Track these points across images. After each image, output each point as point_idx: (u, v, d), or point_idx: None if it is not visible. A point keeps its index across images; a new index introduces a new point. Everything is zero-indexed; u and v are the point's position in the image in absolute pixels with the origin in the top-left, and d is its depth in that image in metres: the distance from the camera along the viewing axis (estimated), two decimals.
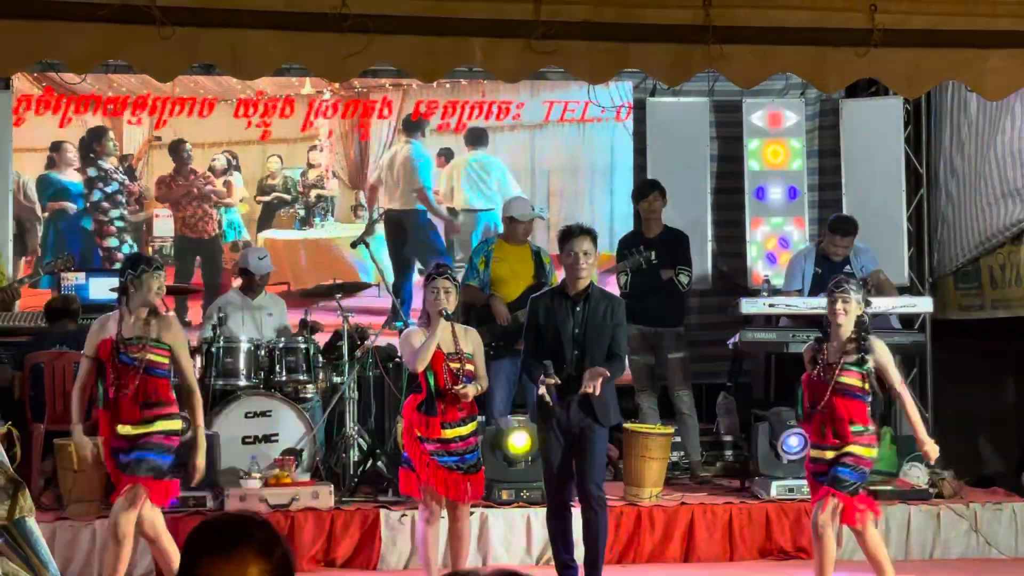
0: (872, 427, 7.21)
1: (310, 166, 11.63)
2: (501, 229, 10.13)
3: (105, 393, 7.04)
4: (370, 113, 11.65)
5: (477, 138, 11.73)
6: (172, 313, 7.63)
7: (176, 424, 7.08)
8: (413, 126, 11.67)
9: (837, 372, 7.13)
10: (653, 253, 9.79)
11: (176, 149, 11.47)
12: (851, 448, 7.11)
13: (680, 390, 10.16)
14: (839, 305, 7.18)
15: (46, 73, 10.96)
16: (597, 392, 7.10)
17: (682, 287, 10.05)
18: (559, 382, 7.18)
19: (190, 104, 11.32)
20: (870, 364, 7.15)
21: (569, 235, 7.35)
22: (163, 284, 7.08)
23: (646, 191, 10.31)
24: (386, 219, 11.62)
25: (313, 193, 11.64)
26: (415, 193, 11.69)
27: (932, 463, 7.56)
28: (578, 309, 7.31)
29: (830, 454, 7.13)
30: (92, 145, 11.34)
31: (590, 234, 7.37)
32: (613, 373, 7.31)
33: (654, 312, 10.01)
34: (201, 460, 7.19)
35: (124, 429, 6.98)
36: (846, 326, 7.19)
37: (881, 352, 7.22)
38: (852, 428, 7.11)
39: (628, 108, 11.70)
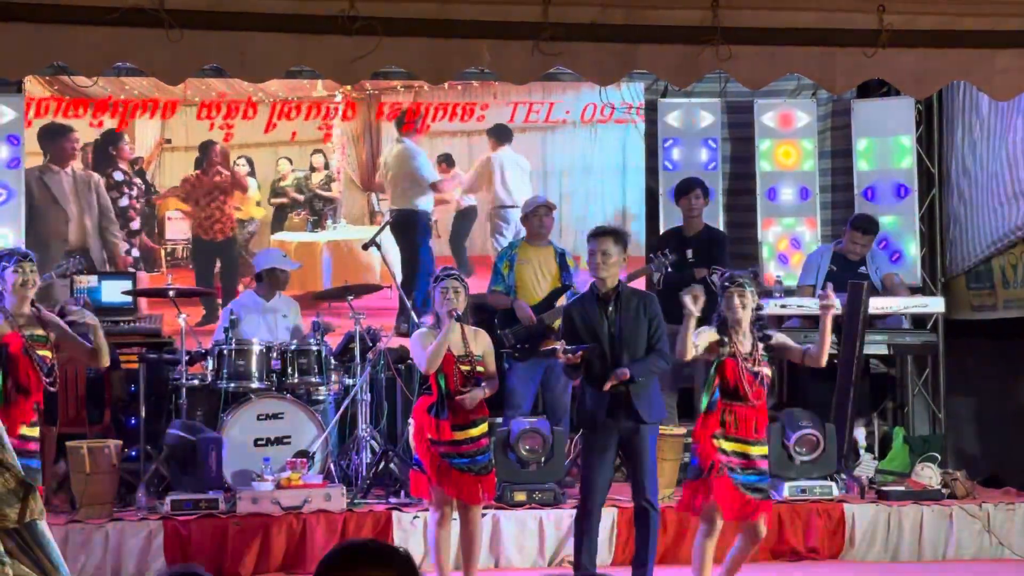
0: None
1: (313, 169, 11.64)
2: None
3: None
4: (381, 115, 11.67)
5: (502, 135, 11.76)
6: None
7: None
8: (404, 125, 11.68)
9: (761, 364, 7.09)
10: (672, 258, 9.74)
11: (206, 148, 11.51)
12: (764, 448, 7.12)
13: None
14: (736, 300, 7.11)
15: (57, 76, 11.00)
16: (608, 385, 7.11)
17: (715, 287, 10.02)
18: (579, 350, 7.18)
19: (198, 107, 11.37)
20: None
21: (592, 235, 7.37)
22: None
23: (687, 189, 10.30)
24: (393, 220, 11.63)
25: (317, 196, 11.65)
26: (429, 190, 11.71)
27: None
28: (610, 309, 7.29)
29: (754, 451, 7.06)
30: (108, 149, 11.38)
31: (612, 235, 7.32)
32: (650, 367, 7.29)
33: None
34: None
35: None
36: (745, 321, 7.13)
37: (785, 339, 7.28)
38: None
39: (639, 109, 11.70)
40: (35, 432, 6.77)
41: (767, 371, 7.10)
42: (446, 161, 11.78)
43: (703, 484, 7.01)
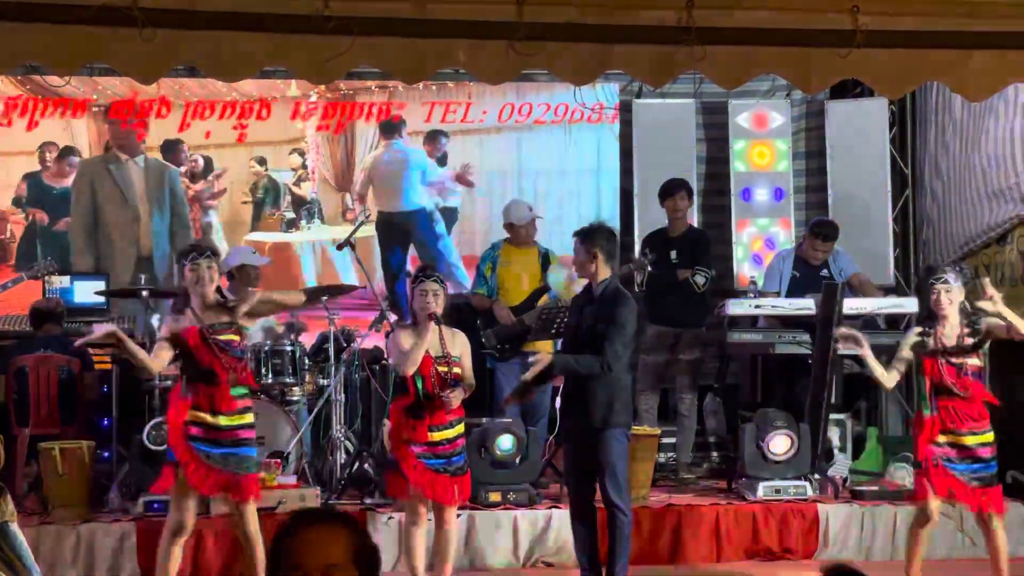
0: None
1: (291, 169, 11.61)
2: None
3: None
4: (356, 115, 11.64)
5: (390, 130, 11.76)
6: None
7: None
8: (391, 128, 11.67)
9: (967, 355, 7.22)
10: (652, 258, 9.75)
11: (173, 148, 11.47)
12: (988, 436, 7.26)
13: (685, 392, 10.20)
14: (943, 296, 7.24)
15: (30, 76, 10.94)
16: (526, 376, 7.30)
17: (697, 287, 10.03)
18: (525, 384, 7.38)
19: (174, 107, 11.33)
20: (985, 345, 7.30)
21: (573, 235, 7.51)
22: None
23: (672, 190, 10.29)
24: (377, 221, 11.63)
25: (288, 197, 11.61)
26: (421, 192, 11.71)
27: None
28: (587, 308, 7.36)
29: (971, 441, 7.23)
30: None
31: (580, 234, 7.47)
32: (578, 365, 7.31)
33: (673, 313, 10.06)
34: None
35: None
36: (953, 315, 7.26)
37: (992, 323, 7.29)
38: (987, 411, 7.27)
39: (614, 110, 11.70)
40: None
41: (974, 361, 7.22)
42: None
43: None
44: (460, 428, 7.42)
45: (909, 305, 10.22)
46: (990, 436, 7.28)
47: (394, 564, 8.41)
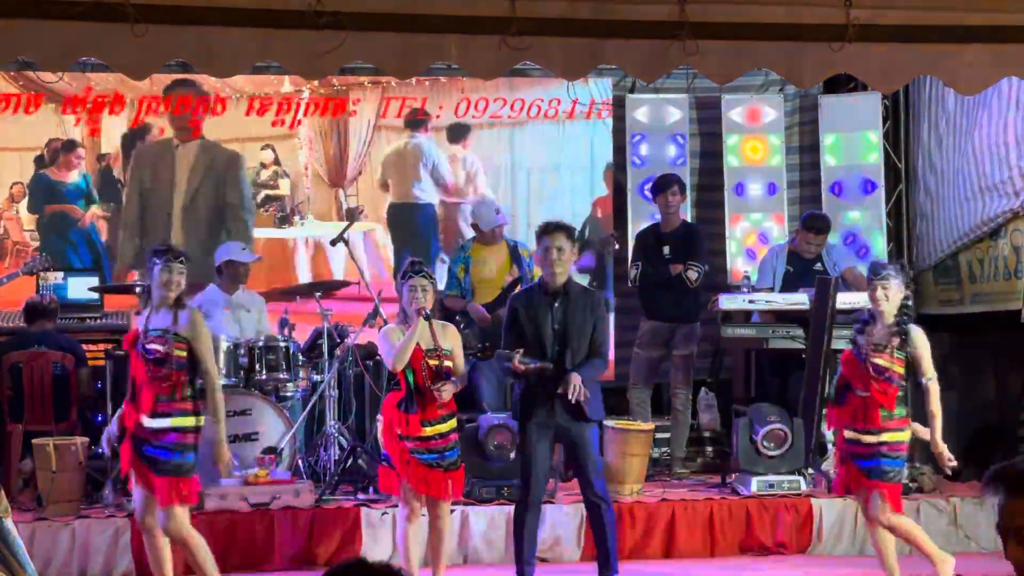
0: (901, 411, 7.30)
1: (263, 165, 11.59)
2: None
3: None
4: (350, 111, 11.63)
5: (416, 125, 11.76)
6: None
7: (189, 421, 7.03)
8: (416, 122, 11.67)
9: (875, 355, 7.19)
10: (618, 235, 9.80)
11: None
12: (887, 435, 7.21)
13: (679, 387, 10.20)
14: (879, 292, 7.20)
15: (23, 72, 10.92)
16: (575, 398, 7.19)
17: (690, 283, 10.03)
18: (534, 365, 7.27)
19: (167, 103, 11.30)
20: (909, 349, 7.23)
21: (544, 231, 7.38)
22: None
23: (664, 186, 10.29)
24: (390, 213, 11.64)
25: (262, 194, 11.59)
26: (433, 184, 11.72)
27: (947, 466, 7.47)
28: (557, 305, 7.33)
29: (867, 439, 7.20)
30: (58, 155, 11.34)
31: (565, 230, 7.38)
32: (595, 372, 7.37)
33: (667, 308, 10.07)
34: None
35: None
36: (888, 311, 7.22)
37: (918, 339, 7.27)
38: (882, 413, 7.20)
39: (607, 105, 11.70)
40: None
41: (883, 362, 7.20)
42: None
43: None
44: (453, 423, 7.41)
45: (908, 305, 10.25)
46: (894, 436, 7.26)
47: (388, 560, 8.41)
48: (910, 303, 7.41)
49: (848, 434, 7.32)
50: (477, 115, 11.67)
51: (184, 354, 6.95)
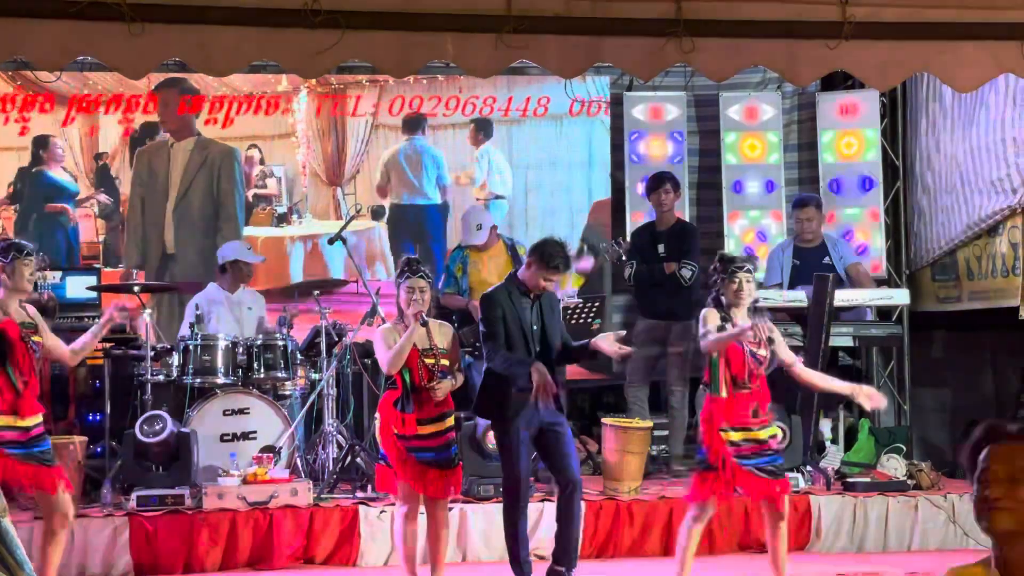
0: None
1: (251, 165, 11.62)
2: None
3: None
4: (347, 110, 11.64)
5: (413, 125, 11.74)
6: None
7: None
8: (413, 124, 11.67)
9: (766, 347, 7.02)
10: (626, 245, 9.84)
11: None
12: (773, 430, 7.11)
13: (675, 385, 10.21)
14: (746, 285, 7.03)
15: (20, 72, 10.92)
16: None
17: (684, 281, 10.03)
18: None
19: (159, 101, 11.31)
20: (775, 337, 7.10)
21: (554, 267, 7.33)
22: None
23: (657, 184, 10.29)
24: (392, 214, 11.66)
25: (250, 193, 11.60)
26: (433, 188, 11.73)
27: (874, 407, 7.35)
28: (535, 306, 7.38)
29: (764, 435, 7.03)
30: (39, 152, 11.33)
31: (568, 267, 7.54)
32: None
33: (662, 306, 10.07)
34: None
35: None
36: (746, 307, 7.07)
37: (774, 327, 7.19)
38: (768, 406, 7.09)
39: (605, 103, 11.70)
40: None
41: (764, 352, 7.02)
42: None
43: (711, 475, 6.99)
44: (450, 421, 7.40)
45: (900, 297, 10.25)
46: (773, 429, 7.13)
47: (386, 558, 8.42)
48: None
49: (733, 435, 6.99)
50: (473, 113, 11.67)
51: None
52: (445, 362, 7.29)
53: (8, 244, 6.97)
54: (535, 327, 7.37)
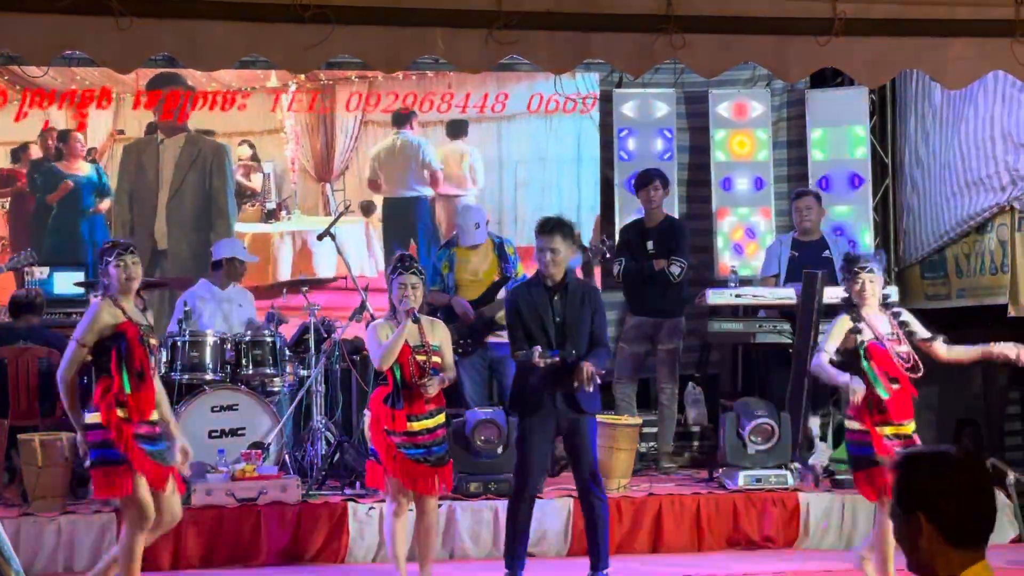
0: None
1: (239, 160, 11.58)
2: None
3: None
4: (336, 105, 11.62)
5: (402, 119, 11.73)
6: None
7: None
8: (402, 119, 11.66)
9: (903, 343, 7.15)
10: (610, 243, 9.85)
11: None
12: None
13: (664, 382, 10.20)
14: (868, 284, 7.17)
15: (7, 66, 10.88)
16: (590, 388, 7.18)
17: (673, 278, 10.02)
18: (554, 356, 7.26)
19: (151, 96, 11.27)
20: (909, 330, 7.24)
21: (540, 230, 7.36)
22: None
23: (645, 181, 10.29)
24: (384, 208, 11.65)
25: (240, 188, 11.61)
26: (422, 181, 11.71)
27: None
28: (556, 298, 7.32)
29: (910, 430, 7.16)
30: (59, 147, 11.29)
31: (560, 231, 7.32)
32: (604, 362, 7.41)
33: (651, 303, 10.07)
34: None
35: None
36: (876, 304, 7.21)
37: (910, 316, 7.28)
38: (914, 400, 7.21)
39: (594, 99, 11.69)
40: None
41: (906, 348, 7.16)
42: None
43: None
44: (441, 418, 7.39)
45: (888, 294, 10.23)
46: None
47: (374, 555, 8.41)
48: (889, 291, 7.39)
49: (886, 430, 7.12)
50: (464, 109, 11.66)
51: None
52: (437, 359, 7.27)
53: (111, 244, 6.93)
54: (557, 319, 7.31)
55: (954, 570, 3.04)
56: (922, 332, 7.27)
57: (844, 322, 7.21)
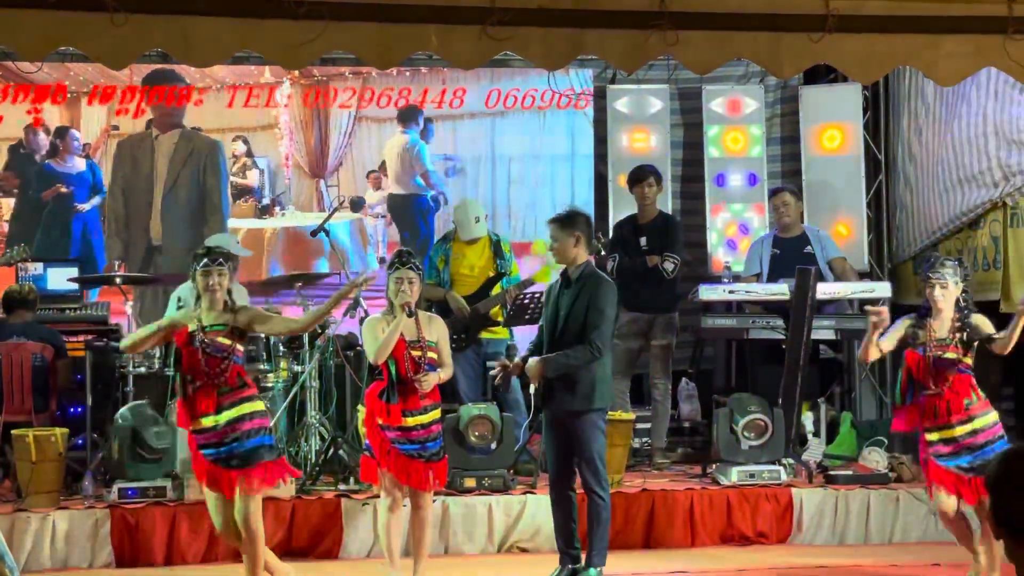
0: (983, 394, 7.29)
1: (234, 157, 11.59)
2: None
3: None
4: (330, 101, 11.62)
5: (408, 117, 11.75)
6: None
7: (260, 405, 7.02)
8: (407, 116, 11.67)
9: (947, 350, 7.17)
10: (604, 241, 9.87)
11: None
12: (979, 422, 7.19)
13: (658, 378, 10.21)
14: (937, 291, 7.20)
15: (1, 62, 10.88)
16: (531, 386, 7.35)
17: (666, 274, 10.03)
18: (506, 365, 7.43)
19: (148, 93, 11.26)
20: (975, 336, 7.23)
21: (548, 222, 7.47)
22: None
23: (640, 177, 10.29)
24: (389, 204, 11.66)
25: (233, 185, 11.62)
26: (420, 178, 11.71)
27: None
28: (565, 292, 7.35)
29: (959, 432, 7.16)
30: (55, 144, 11.29)
31: (559, 220, 7.39)
32: (566, 358, 7.24)
33: (645, 299, 10.06)
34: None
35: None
36: (946, 308, 7.22)
37: (983, 324, 7.27)
38: (966, 403, 7.18)
39: (588, 96, 11.70)
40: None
41: (952, 355, 7.17)
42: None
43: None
44: (436, 414, 7.39)
45: (881, 290, 10.26)
46: (985, 420, 7.22)
47: (369, 550, 8.42)
48: (968, 295, 7.38)
49: (930, 436, 7.22)
50: (457, 105, 11.67)
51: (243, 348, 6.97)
52: (432, 355, 7.28)
53: (203, 251, 7.02)
54: (561, 313, 7.34)
55: None
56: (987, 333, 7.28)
57: (904, 323, 7.37)
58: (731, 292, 9.88)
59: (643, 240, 10.15)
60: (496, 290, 9.67)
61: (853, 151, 11.46)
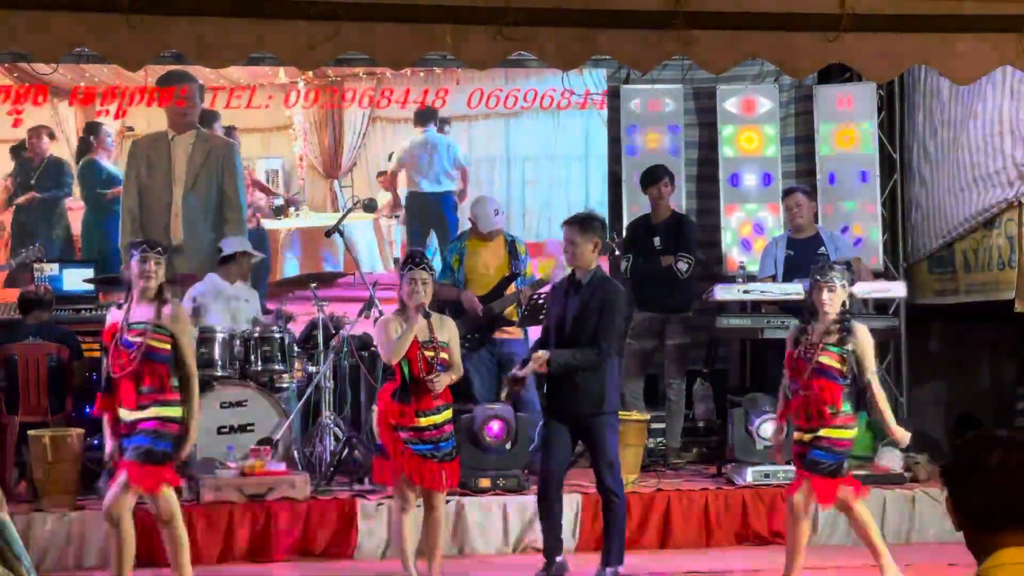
0: (847, 408, 7.21)
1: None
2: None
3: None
4: (344, 102, 11.62)
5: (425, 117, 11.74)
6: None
7: (175, 411, 6.98)
8: (425, 116, 11.67)
9: (818, 353, 7.14)
10: (619, 241, 9.87)
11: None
12: (826, 431, 7.14)
13: (672, 377, 10.21)
14: (825, 294, 7.17)
15: (17, 64, 10.90)
16: (520, 375, 7.40)
17: (680, 274, 10.02)
18: (517, 376, 7.45)
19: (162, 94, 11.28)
20: (850, 347, 7.17)
21: (563, 224, 7.47)
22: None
23: (654, 177, 10.29)
24: (408, 204, 11.67)
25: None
26: (448, 176, 11.72)
27: (904, 447, 7.62)
28: (576, 295, 7.34)
29: (807, 436, 7.17)
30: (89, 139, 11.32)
31: (579, 223, 7.39)
32: (572, 358, 7.27)
33: (659, 299, 10.07)
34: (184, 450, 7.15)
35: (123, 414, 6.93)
36: (831, 311, 7.19)
37: (863, 337, 7.23)
38: (828, 410, 7.13)
39: (602, 95, 11.69)
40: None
41: (828, 361, 7.17)
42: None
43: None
44: (448, 414, 7.41)
45: (897, 290, 10.24)
46: (835, 432, 7.23)
47: (384, 550, 8.42)
48: (854, 299, 7.41)
49: (795, 434, 7.32)
50: (472, 105, 11.67)
51: (168, 347, 6.95)
52: (445, 355, 7.30)
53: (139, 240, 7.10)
54: (571, 316, 7.33)
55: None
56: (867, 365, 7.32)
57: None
58: (746, 292, 9.85)
59: (657, 240, 10.15)
60: (511, 290, 9.66)
61: (868, 150, 11.43)
